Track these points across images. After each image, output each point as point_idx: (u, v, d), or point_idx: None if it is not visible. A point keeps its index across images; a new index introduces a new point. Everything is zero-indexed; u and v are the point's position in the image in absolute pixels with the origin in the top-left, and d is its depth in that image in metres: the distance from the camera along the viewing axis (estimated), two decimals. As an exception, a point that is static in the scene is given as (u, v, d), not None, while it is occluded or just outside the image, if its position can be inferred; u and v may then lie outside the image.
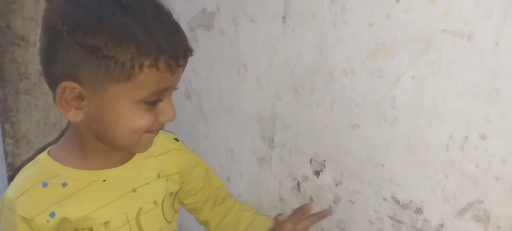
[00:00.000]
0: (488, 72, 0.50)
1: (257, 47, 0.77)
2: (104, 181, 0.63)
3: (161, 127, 0.61)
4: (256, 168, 0.84)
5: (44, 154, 0.63)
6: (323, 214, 0.72)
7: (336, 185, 0.70)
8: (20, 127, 1.25)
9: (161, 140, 0.71)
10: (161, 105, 0.58)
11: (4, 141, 1.24)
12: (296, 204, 0.78)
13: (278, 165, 0.79)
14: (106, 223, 0.61)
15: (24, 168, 0.63)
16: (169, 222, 0.69)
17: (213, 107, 0.92)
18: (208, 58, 0.90)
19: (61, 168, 0.61)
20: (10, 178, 1.24)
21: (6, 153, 1.25)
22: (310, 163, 0.73)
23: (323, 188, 0.72)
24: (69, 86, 0.55)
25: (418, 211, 0.60)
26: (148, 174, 0.68)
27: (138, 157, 0.67)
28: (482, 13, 0.49)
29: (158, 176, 0.69)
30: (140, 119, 0.57)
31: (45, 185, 0.59)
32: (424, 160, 0.58)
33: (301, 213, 0.75)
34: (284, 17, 0.71)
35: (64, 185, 0.60)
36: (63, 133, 1.26)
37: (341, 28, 0.63)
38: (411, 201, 0.60)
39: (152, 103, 0.57)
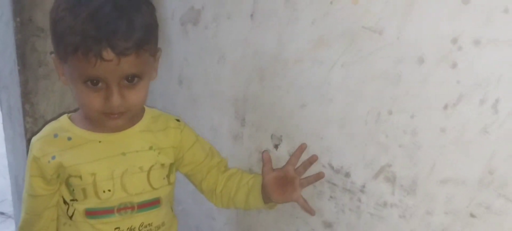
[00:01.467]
0: (393, 60, 0.63)
1: (233, 40, 0.92)
2: (99, 142, 0.78)
3: (112, 111, 0.70)
4: (231, 144, 0.98)
5: (65, 115, 0.81)
6: (319, 176, 0.78)
7: (289, 156, 0.83)
8: (39, 107, 1.41)
9: (163, 119, 0.86)
10: (106, 90, 0.69)
11: (24, 119, 1.41)
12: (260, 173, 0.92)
13: (248, 140, 0.94)
14: (92, 174, 0.76)
15: (50, 123, 0.82)
16: (154, 188, 0.82)
17: (200, 91, 1.07)
18: (196, 49, 1.05)
19: (71, 126, 0.79)
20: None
21: (26, 130, 1.42)
22: (271, 138, 0.87)
23: (280, 159, 0.85)
24: (54, 59, 0.75)
25: (347, 175, 0.73)
26: (140, 144, 0.81)
27: (134, 128, 0.81)
28: (388, 12, 0.62)
29: (150, 148, 0.82)
30: (86, 98, 0.70)
31: (56, 136, 0.77)
32: (351, 133, 0.71)
33: (298, 155, 0.80)
34: (252, 15, 0.85)
35: (69, 138, 0.77)
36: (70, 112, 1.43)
37: (293, 24, 0.77)
38: (342, 167, 0.74)
39: (93, 85, 0.68)
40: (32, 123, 1.42)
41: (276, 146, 0.86)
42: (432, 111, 0.60)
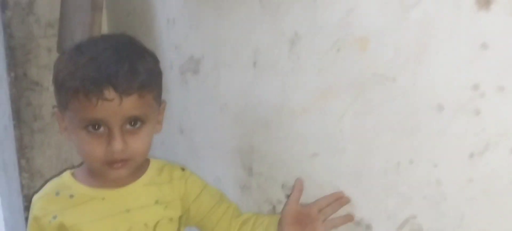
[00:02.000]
0: (409, 109, 0.60)
1: (235, 89, 0.89)
2: (103, 198, 0.75)
3: (114, 158, 0.69)
4: (239, 194, 0.94)
5: (68, 171, 0.79)
6: (347, 219, 0.71)
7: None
8: (35, 162, 1.38)
9: (167, 170, 0.82)
10: (108, 135, 0.68)
11: (20, 175, 1.37)
12: (273, 226, 0.87)
13: (257, 191, 0.90)
14: None
15: (52, 180, 0.79)
16: None
17: (201, 141, 1.03)
18: (196, 98, 1.02)
19: (73, 183, 0.76)
20: (26, 208, 1.35)
21: (22, 186, 1.38)
22: (282, 188, 0.83)
23: (293, 210, 0.81)
24: (56, 113, 0.75)
25: (368, 227, 0.69)
26: (146, 199, 0.77)
27: (138, 182, 0.78)
28: (401, 59, 0.60)
29: (156, 202, 0.78)
30: (87, 146, 0.69)
31: (57, 194, 0.75)
32: (368, 183, 0.67)
33: (331, 200, 0.72)
34: (254, 63, 0.82)
35: (71, 196, 0.74)
36: (73, 166, 1.39)
37: (298, 73, 0.74)
38: (361, 219, 0.70)
39: (94, 130, 0.67)
40: (28, 178, 1.38)
41: (288, 196, 0.82)
42: (457, 161, 0.56)
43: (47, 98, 1.31)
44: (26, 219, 1.36)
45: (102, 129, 0.68)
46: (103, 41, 0.72)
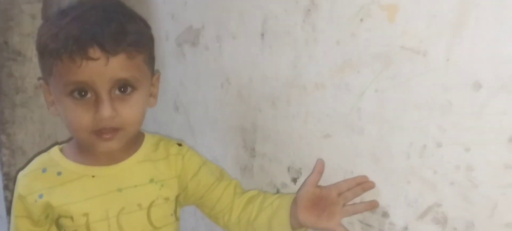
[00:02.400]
0: (441, 86, 0.54)
1: (239, 63, 0.82)
2: (93, 176, 0.69)
3: (103, 126, 0.63)
4: (239, 176, 0.88)
5: (57, 146, 0.73)
6: (371, 205, 0.64)
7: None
8: (16, 138, 1.30)
9: (163, 146, 0.76)
10: (95, 101, 0.62)
11: (0, 151, 1.29)
12: (276, 210, 0.82)
13: (259, 173, 0.84)
14: (85, 214, 0.67)
15: (40, 155, 0.74)
16: (156, 227, 0.72)
17: (199, 119, 0.97)
18: (194, 73, 0.95)
19: (62, 159, 0.70)
20: (6, 187, 1.27)
21: (2, 163, 1.29)
22: (288, 171, 0.77)
23: None
24: (42, 85, 0.68)
25: (385, 215, 0.64)
26: (139, 177, 0.71)
27: (132, 159, 0.72)
28: (434, 32, 0.54)
29: (151, 181, 0.72)
30: (73, 113, 0.63)
31: (44, 170, 0.69)
32: (388, 167, 0.62)
33: (352, 184, 0.65)
34: (262, 35, 0.76)
35: (59, 173, 0.69)
36: (58, 144, 1.31)
37: (312, 46, 0.68)
38: (378, 206, 0.64)
39: (80, 97, 0.62)
40: (9, 155, 1.30)
41: (294, 180, 0.77)
42: (493, 145, 0.51)
43: (31, 69, 1.22)
44: (5, 198, 1.29)
45: (89, 95, 0.63)
46: (90, 4, 0.66)
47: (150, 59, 0.70)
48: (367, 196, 0.65)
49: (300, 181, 0.76)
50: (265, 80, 0.77)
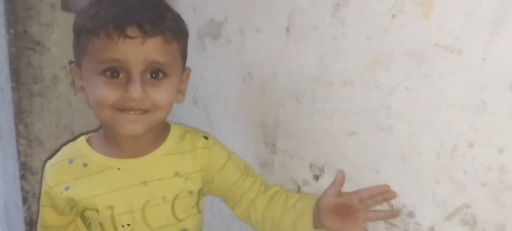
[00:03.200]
0: (475, 86, 0.53)
1: (262, 57, 0.81)
2: (118, 169, 0.69)
3: (130, 106, 0.63)
4: (259, 172, 0.88)
5: (83, 136, 0.73)
6: (393, 214, 0.64)
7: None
8: (33, 128, 1.30)
9: (189, 138, 0.76)
10: (127, 82, 0.62)
11: (17, 141, 1.29)
12: (296, 207, 0.81)
13: (280, 169, 0.83)
14: (110, 207, 0.68)
15: (67, 144, 0.74)
16: (179, 220, 0.72)
17: (219, 113, 0.96)
18: (215, 66, 0.94)
19: (88, 150, 0.70)
20: (22, 177, 1.28)
21: (19, 152, 1.30)
22: (310, 168, 0.77)
23: (321, 192, 0.75)
24: (73, 68, 0.68)
25: (410, 215, 0.63)
26: (164, 170, 0.71)
27: (157, 152, 0.72)
28: (471, 30, 0.53)
29: (176, 174, 0.72)
30: (101, 90, 0.62)
31: (71, 161, 0.70)
32: (416, 167, 0.61)
33: (374, 193, 0.66)
34: (287, 29, 0.75)
35: (85, 165, 0.69)
36: (73, 135, 1.31)
37: (341, 41, 0.67)
38: (404, 205, 0.64)
39: (112, 75, 0.62)
40: (26, 145, 1.30)
41: (316, 177, 0.76)
42: (529, 147, 0.50)
43: (49, 59, 1.22)
44: (22, 187, 1.30)
45: (121, 76, 0.62)
46: None
47: (183, 52, 0.70)
48: (396, 198, 0.65)
49: (322, 179, 0.75)
50: (290, 76, 0.77)
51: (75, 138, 0.74)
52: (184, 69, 0.73)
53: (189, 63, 1.02)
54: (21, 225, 1.33)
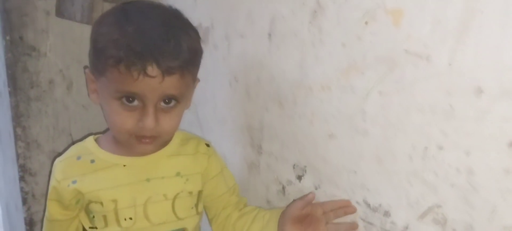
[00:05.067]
0: (444, 91, 0.55)
1: (247, 62, 0.83)
2: (124, 165, 0.73)
3: (144, 133, 0.67)
4: (246, 173, 0.90)
5: (91, 136, 0.78)
6: (352, 227, 0.70)
7: (316, 189, 0.75)
8: (31, 131, 1.33)
9: (193, 143, 0.80)
10: (142, 110, 0.66)
11: (16, 144, 1.32)
12: (282, 206, 0.83)
13: (266, 170, 0.85)
14: (114, 201, 0.71)
15: (76, 144, 0.79)
16: (179, 219, 0.75)
17: (208, 116, 0.98)
18: (203, 71, 0.96)
19: (96, 148, 0.75)
20: (21, 178, 1.31)
21: (17, 155, 1.33)
22: (293, 168, 0.79)
23: (304, 192, 0.77)
24: (87, 73, 0.71)
25: (386, 214, 0.65)
26: (167, 170, 0.75)
27: (162, 152, 0.76)
28: (438, 37, 0.54)
29: (177, 174, 0.76)
30: (118, 117, 0.66)
31: (79, 158, 0.74)
32: (390, 169, 0.63)
33: (336, 206, 0.71)
34: (269, 35, 0.77)
35: (92, 161, 0.73)
36: (71, 137, 1.34)
37: (319, 47, 0.69)
38: (380, 205, 0.66)
39: (128, 103, 0.65)
40: (24, 147, 1.33)
41: (299, 177, 0.78)
42: (493, 150, 0.52)
43: (45, 64, 1.25)
44: (21, 189, 1.33)
45: (136, 102, 0.66)
46: (151, 10, 0.68)
47: (196, 73, 0.74)
48: (369, 195, 0.67)
49: (304, 179, 0.77)
50: (272, 80, 0.79)
51: (73, 141, 0.77)
52: (196, 81, 0.76)
53: (178, 67, 1.04)
54: (22, 226, 1.36)
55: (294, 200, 0.76)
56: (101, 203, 0.72)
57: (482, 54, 0.51)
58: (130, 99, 0.65)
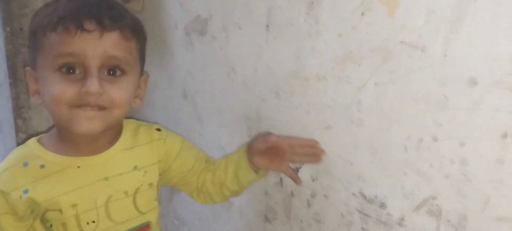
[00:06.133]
0: (438, 81, 0.55)
1: (244, 53, 0.83)
2: (78, 167, 0.68)
3: (87, 101, 0.61)
4: (244, 164, 0.90)
5: (33, 139, 0.71)
6: (315, 159, 0.72)
7: (313, 180, 0.76)
8: (32, 122, 1.33)
9: (143, 132, 0.76)
10: (83, 77, 0.61)
11: (16, 135, 1.33)
12: (279, 198, 0.84)
13: (263, 161, 0.86)
14: (73, 206, 0.67)
15: (15, 148, 0.72)
16: (141, 213, 0.73)
17: (206, 107, 0.99)
18: (202, 62, 0.96)
19: (43, 152, 0.68)
20: (22, 169, 1.32)
21: (18, 146, 1.34)
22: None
23: (302, 183, 0.78)
24: (28, 71, 0.67)
25: (382, 205, 0.65)
26: (124, 165, 0.72)
27: (115, 148, 0.72)
28: (432, 27, 0.54)
29: (135, 168, 0.73)
30: (57, 86, 0.61)
31: (25, 164, 0.66)
32: (385, 159, 0.63)
33: (304, 144, 0.74)
34: (267, 26, 0.77)
35: (42, 166, 0.66)
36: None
37: (315, 38, 0.69)
38: (376, 196, 0.66)
39: (68, 72, 0.61)
40: (25, 138, 1.34)
41: (296, 169, 0.78)
42: (487, 140, 0.52)
43: (45, 55, 1.25)
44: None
45: (77, 72, 0.62)
46: None
47: (142, 54, 0.70)
48: (365, 186, 0.67)
49: (302, 170, 0.77)
50: (269, 71, 0.79)
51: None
52: (142, 73, 0.73)
53: (178, 58, 1.05)
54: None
55: (258, 135, 0.79)
56: (60, 210, 0.66)
57: (475, 44, 0.51)
58: (71, 70, 0.61)
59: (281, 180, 0.83)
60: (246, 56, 0.83)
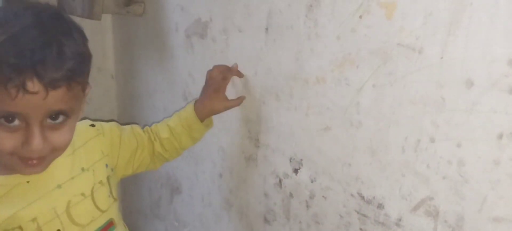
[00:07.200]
0: (435, 83, 0.56)
1: (244, 55, 0.84)
2: (27, 182, 0.65)
3: (30, 156, 0.59)
4: (244, 165, 0.91)
5: None
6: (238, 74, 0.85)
7: (312, 181, 0.76)
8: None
9: (79, 133, 0.71)
10: (25, 130, 0.57)
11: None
12: (278, 199, 0.85)
13: (263, 163, 0.86)
14: (33, 220, 0.64)
15: None
16: (103, 211, 0.72)
17: (207, 109, 0.99)
18: (202, 64, 0.97)
19: None
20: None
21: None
22: (290, 161, 0.80)
23: (301, 185, 0.78)
24: None
25: (380, 206, 0.66)
26: (72, 169, 0.70)
27: (59, 157, 0.67)
28: (430, 30, 0.55)
29: (83, 169, 0.71)
30: None
31: None
32: (384, 161, 0.64)
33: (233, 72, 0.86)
34: (267, 29, 0.78)
35: None
36: None
37: (314, 40, 0.69)
38: (374, 197, 0.66)
39: (8, 123, 0.56)
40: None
41: (295, 171, 0.79)
42: (483, 141, 0.53)
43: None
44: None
45: (16, 122, 0.56)
46: (25, 12, 0.57)
47: (87, 81, 0.64)
48: (363, 187, 0.68)
49: (301, 172, 0.78)
50: (269, 73, 0.80)
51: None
52: (86, 89, 0.66)
53: (178, 61, 1.06)
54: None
55: (208, 80, 0.86)
56: (20, 227, 0.63)
57: (472, 46, 0.51)
58: (10, 118, 0.56)
59: (280, 180, 0.83)
60: (246, 59, 0.84)
